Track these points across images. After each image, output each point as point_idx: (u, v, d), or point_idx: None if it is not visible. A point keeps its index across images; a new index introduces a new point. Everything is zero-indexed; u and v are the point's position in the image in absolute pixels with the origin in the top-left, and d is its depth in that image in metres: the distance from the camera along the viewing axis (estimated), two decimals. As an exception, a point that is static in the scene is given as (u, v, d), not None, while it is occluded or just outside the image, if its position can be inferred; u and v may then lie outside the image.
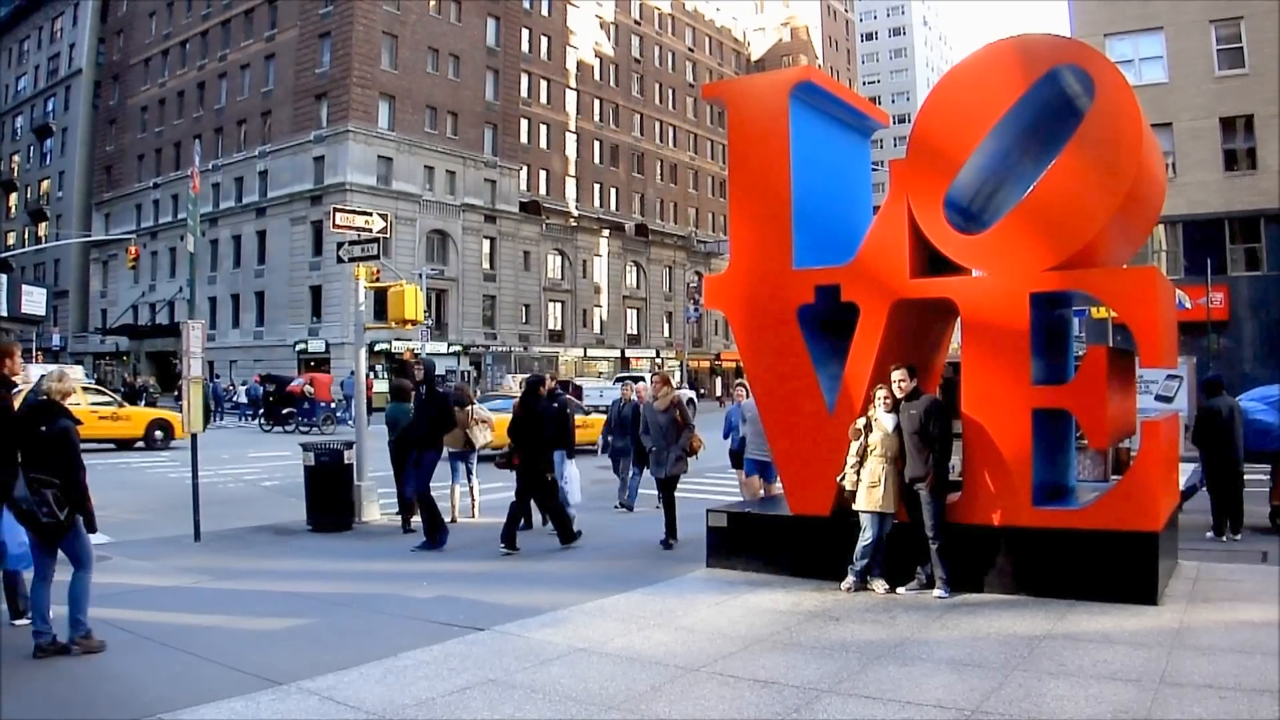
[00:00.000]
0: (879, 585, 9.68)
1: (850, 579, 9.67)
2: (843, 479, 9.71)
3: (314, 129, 64.34)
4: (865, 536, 9.57)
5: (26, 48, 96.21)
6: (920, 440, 9.41)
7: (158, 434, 29.02)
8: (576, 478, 14.44)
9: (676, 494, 13.00)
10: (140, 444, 28.50)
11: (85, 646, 7.57)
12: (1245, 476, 13.17)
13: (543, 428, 13.03)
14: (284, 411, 38.22)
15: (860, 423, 9.72)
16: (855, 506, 9.63)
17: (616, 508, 16.31)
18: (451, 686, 6.78)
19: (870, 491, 9.52)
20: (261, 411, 40.82)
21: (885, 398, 9.57)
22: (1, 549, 7.94)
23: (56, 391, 7.80)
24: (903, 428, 9.50)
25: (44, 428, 7.61)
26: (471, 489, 15.39)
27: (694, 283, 77.20)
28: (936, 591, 9.35)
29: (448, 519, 14.32)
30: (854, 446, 9.64)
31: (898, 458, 9.55)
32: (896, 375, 9.52)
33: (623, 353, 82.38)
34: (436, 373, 14.19)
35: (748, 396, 13.30)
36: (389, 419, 15.01)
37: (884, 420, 9.59)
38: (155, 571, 11.12)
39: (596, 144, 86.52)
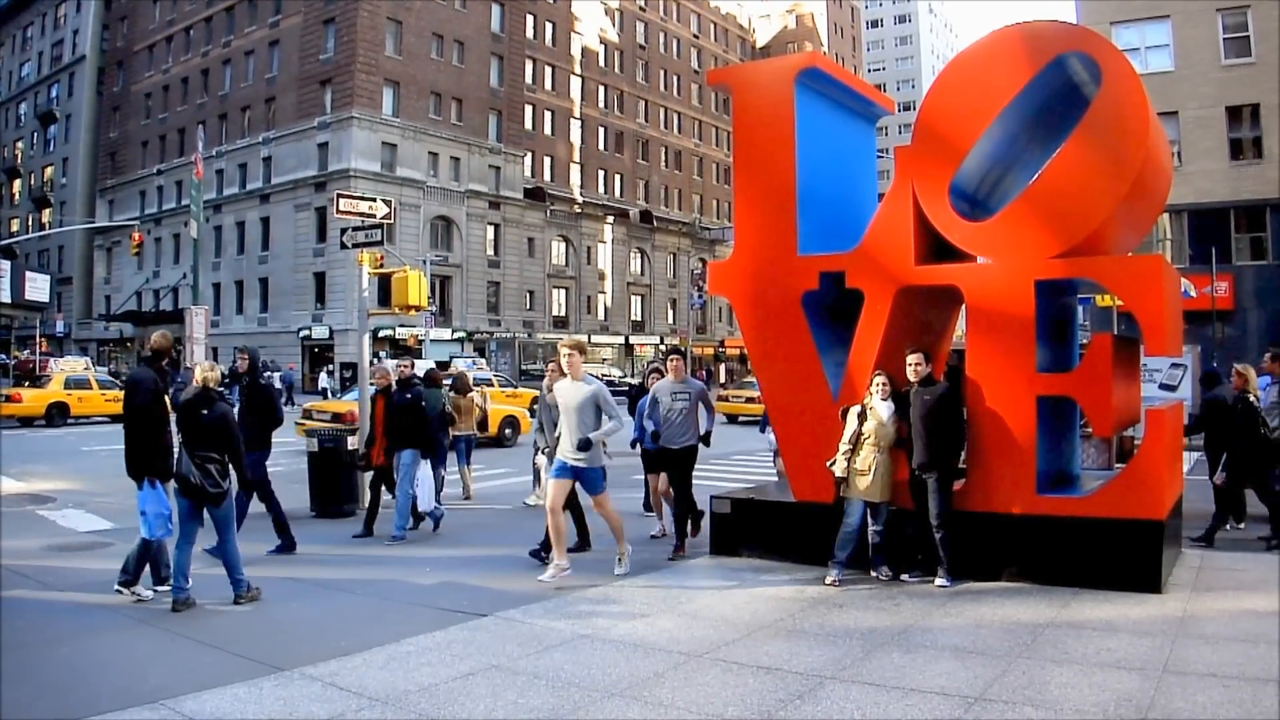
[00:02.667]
0: (883, 572, 9.64)
1: (833, 573, 9.50)
2: (833, 464, 9.64)
3: (318, 115, 64.30)
4: (847, 525, 9.52)
5: (30, 34, 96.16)
6: (932, 426, 9.30)
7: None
8: (428, 480, 12.99)
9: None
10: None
11: (250, 598, 8.93)
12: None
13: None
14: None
15: (855, 409, 9.64)
16: (843, 493, 9.57)
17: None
18: (455, 673, 6.79)
19: (859, 479, 9.46)
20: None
21: (883, 384, 9.52)
22: (163, 521, 9.00)
23: (211, 380, 8.98)
24: (913, 413, 9.39)
25: (205, 412, 8.77)
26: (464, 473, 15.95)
27: (698, 269, 77.07)
28: (939, 580, 9.28)
29: (463, 497, 14.44)
30: (847, 433, 9.57)
31: (892, 447, 9.50)
32: (912, 359, 9.45)
33: (627, 339, 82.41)
34: (261, 361, 13.44)
35: (664, 377, 12.23)
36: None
37: (879, 409, 9.51)
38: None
39: (601, 130, 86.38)
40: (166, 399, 9.25)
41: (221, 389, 9.17)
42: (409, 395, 12.78)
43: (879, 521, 9.66)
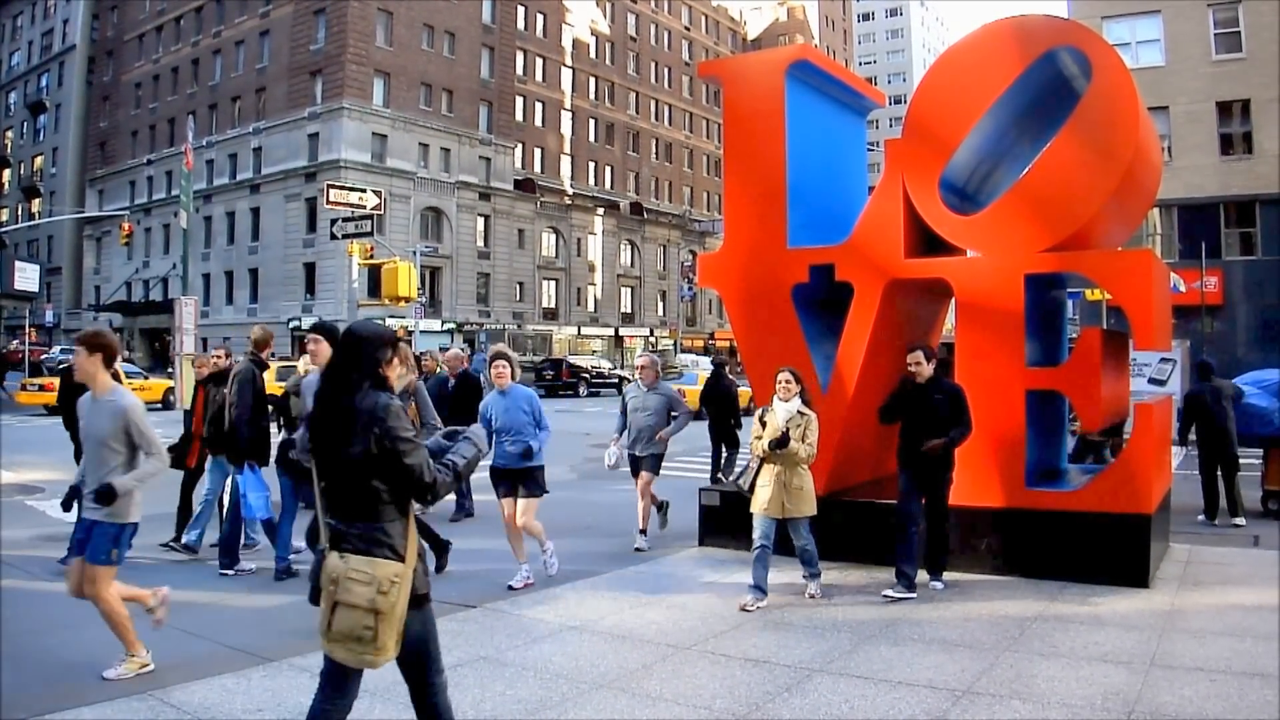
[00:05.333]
0: (815, 589, 8.77)
1: (748, 596, 8.45)
2: (739, 478, 9.11)
3: (309, 105, 64.17)
4: (754, 542, 8.54)
5: (20, 23, 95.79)
6: (932, 430, 8.62)
7: (171, 399, 32.84)
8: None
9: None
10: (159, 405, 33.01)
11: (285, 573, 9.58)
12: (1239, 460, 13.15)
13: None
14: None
15: (759, 411, 8.82)
16: (750, 509, 8.67)
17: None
18: (443, 664, 6.77)
19: (760, 492, 8.55)
20: None
21: (787, 382, 8.57)
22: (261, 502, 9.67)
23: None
24: (918, 414, 8.72)
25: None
26: None
27: (688, 261, 77.29)
28: (933, 584, 8.92)
29: None
30: (755, 444, 8.60)
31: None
32: (911, 358, 8.84)
33: (617, 331, 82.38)
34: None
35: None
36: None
37: (778, 413, 8.55)
38: (146, 549, 11.07)
39: (592, 122, 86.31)
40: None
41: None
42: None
43: (801, 536, 8.62)
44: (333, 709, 4.33)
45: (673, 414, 11.48)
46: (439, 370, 13.99)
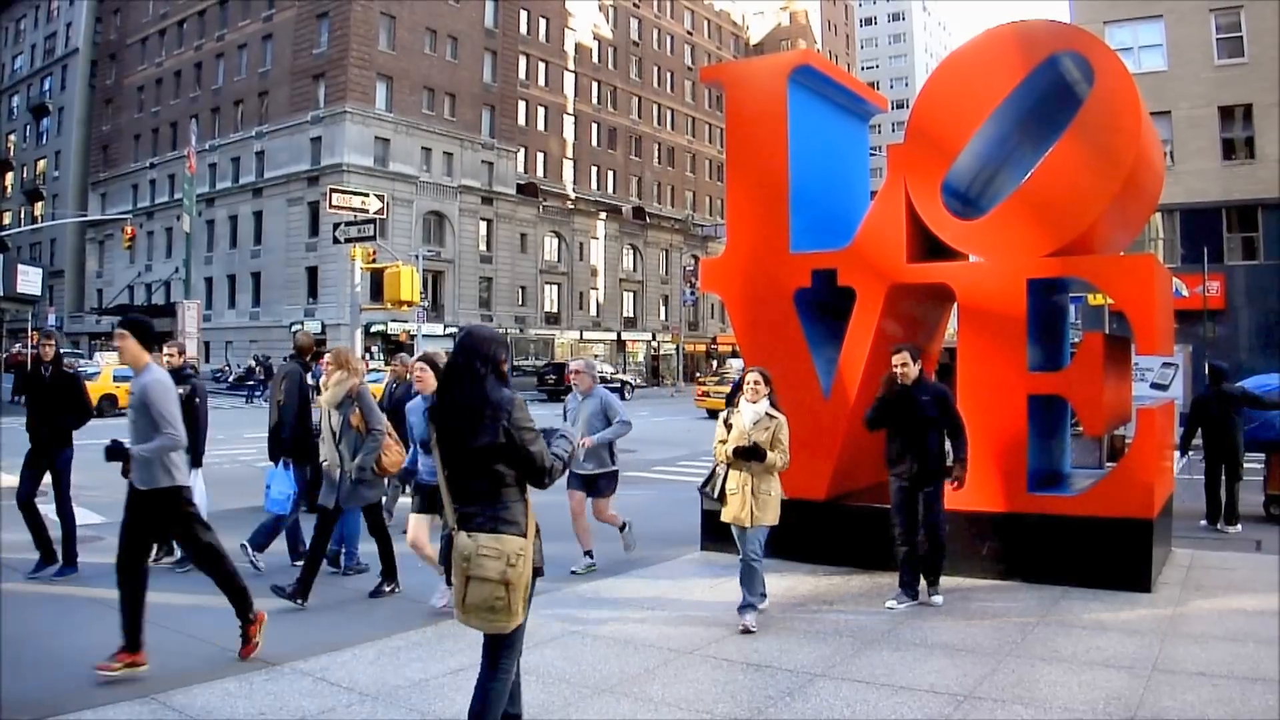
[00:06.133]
0: (749, 620, 7.85)
1: (748, 616, 7.87)
2: (705, 485, 8.70)
3: (311, 110, 64.19)
4: (746, 557, 7.96)
5: (23, 26, 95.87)
6: (934, 434, 8.50)
7: None
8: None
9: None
10: None
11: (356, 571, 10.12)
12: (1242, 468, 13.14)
13: None
14: None
15: (723, 415, 8.32)
16: (722, 518, 8.18)
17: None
18: (445, 668, 6.79)
19: (730, 499, 8.00)
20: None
21: (755, 382, 8.00)
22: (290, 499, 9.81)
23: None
24: (904, 419, 8.50)
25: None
26: None
27: (690, 266, 77.24)
28: (934, 598, 8.63)
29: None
30: (719, 449, 8.16)
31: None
32: (897, 359, 8.56)
33: (619, 335, 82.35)
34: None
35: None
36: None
37: (744, 415, 7.95)
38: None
39: (594, 126, 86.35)
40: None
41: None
42: (180, 391, 9.62)
43: (749, 548, 7.92)
44: (491, 684, 4.81)
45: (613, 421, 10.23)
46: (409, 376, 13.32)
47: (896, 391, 8.59)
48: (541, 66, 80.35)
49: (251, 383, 48.74)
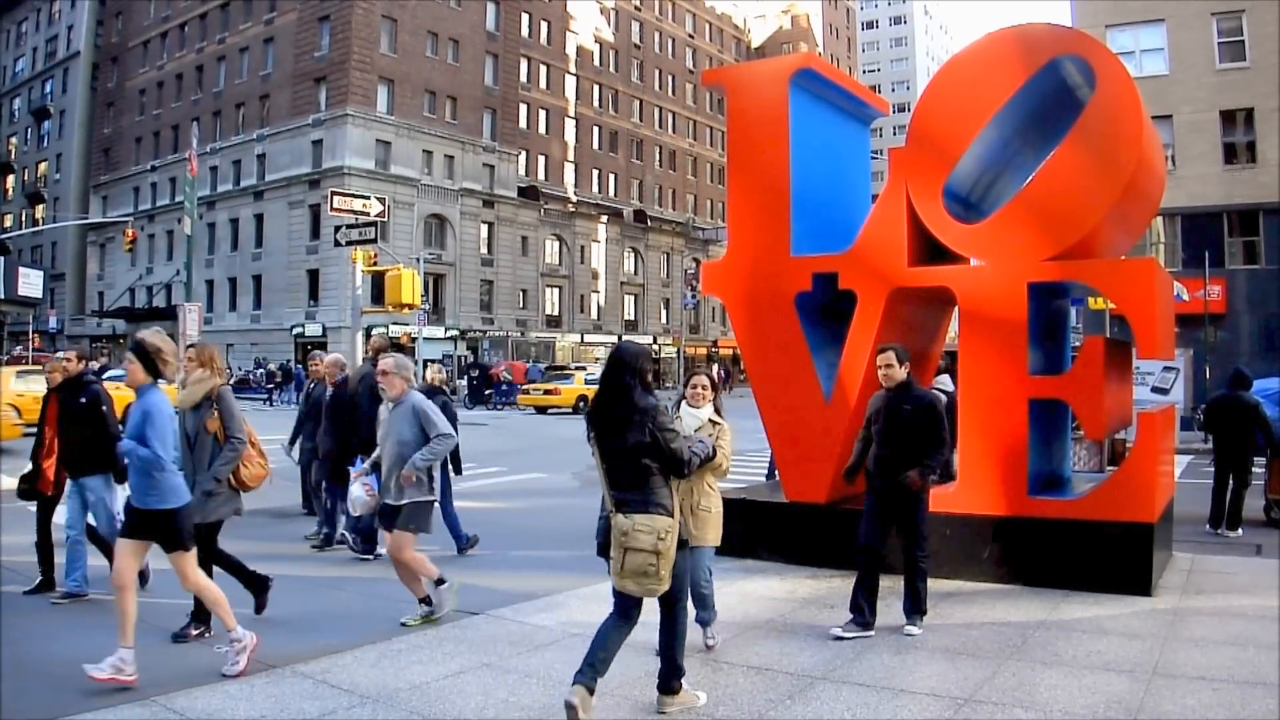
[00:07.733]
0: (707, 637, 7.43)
1: (708, 633, 7.44)
2: None
3: (312, 113, 64.28)
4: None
5: (24, 29, 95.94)
6: (907, 443, 7.74)
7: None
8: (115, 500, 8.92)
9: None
10: None
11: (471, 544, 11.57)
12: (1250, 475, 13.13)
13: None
14: (485, 392, 48.27)
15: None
16: None
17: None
18: (446, 671, 6.78)
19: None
20: (467, 393, 49.17)
21: (702, 386, 7.23)
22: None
23: (439, 381, 11.66)
24: (883, 425, 7.84)
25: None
26: None
27: (691, 269, 77.16)
28: (907, 627, 7.77)
29: None
30: None
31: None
32: (881, 359, 7.89)
33: (620, 339, 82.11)
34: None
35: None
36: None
37: (685, 422, 7.04)
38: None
39: (595, 129, 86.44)
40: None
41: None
42: (83, 399, 8.95)
43: (695, 573, 7.01)
44: (616, 632, 5.92)
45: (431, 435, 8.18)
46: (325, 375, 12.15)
47: (881, 403, 7.94)
48: (543, 69, 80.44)
49: (271, 386, 50.88)
